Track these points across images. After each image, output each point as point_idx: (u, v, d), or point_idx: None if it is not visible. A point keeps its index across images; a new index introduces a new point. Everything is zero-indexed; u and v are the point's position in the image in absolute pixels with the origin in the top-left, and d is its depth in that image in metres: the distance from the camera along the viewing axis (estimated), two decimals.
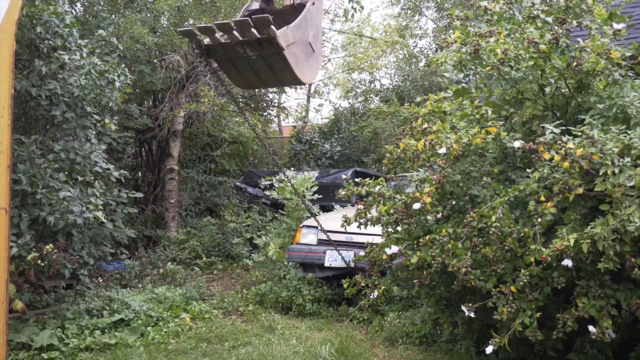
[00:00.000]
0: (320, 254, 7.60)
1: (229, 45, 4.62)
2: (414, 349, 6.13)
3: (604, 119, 4.16)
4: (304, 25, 5.06)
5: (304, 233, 8.06)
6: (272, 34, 4.36)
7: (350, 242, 7.49)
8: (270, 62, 4.71)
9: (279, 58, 4.62)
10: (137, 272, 9.49)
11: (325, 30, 22.67)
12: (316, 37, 5.27)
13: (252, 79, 5.03)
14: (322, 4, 5.59)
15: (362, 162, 17.46)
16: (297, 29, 4.88)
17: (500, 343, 3.71)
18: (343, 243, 7.55)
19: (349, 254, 7.28)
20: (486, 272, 3.98)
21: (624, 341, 3.99)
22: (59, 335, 6.40)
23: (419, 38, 24.09)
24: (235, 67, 4.88)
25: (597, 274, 3.55)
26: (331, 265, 7.45)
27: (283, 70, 4.75)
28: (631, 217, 3.31)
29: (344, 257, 7.26)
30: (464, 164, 4.59)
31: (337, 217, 8.71)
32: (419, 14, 24.16)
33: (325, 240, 7.62)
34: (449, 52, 5.13)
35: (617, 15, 4.95)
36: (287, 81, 5.09)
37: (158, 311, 7.33)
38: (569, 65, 4.31)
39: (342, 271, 7.40)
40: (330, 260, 7.44)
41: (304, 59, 4.95)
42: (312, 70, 5.13)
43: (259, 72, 4.84)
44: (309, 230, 8.09)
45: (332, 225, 7.64)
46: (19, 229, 6.70)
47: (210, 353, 6.28)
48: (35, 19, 7.36)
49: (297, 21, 4.97)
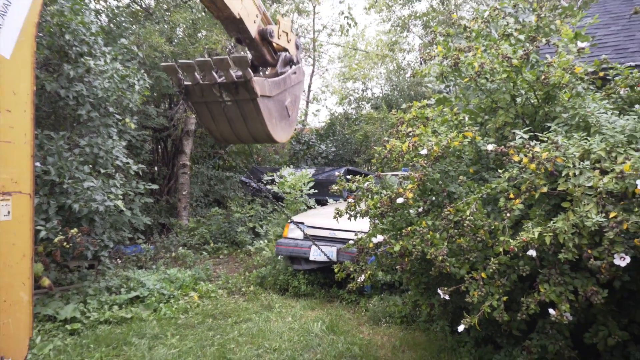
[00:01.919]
0: (305, 249, 7.54)
1: (206, 87, 4.23)
2: (395, 327, 6.18)
3: (567, 126, 4.18)
4: (282, 86, 4.69)
5: (291, 228, 7.97)
6: (248, 76, 4.01)
7: (333, 238, 7.47)
8: (244, 110, 4.29)
9: (252, 106, 4.22)
10: (152, 255, 9.51)
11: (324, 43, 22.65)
12: (293, 104, 4.89)
13: (225, 129, 4.48)
14: (303, 77, 5.17)
15: (353, 161, 17.48)
16: (274, 85, 4.52)
17: (471, 323, 3.73)
18: (327, 238, 7.53)
19: (332, 249, 7.25)
20: (460, 260, 4.00)
21: (580, 323, 4.02)
22: (81, 309, 6.43)
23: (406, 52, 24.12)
24: (210, 112, 4.43)
25: (558, 264, 3.57)
26: (315, 259, 7.39)
27: (255, 121, 4.31)
28: (589, 213, 3.34)
29: (327, 252, 7.18)
30: (443, 164, 4.61)
31: (324, 212, 8.70)
32: (407, 31, 24.16)
33: (311, 235, 7.51)
34: (432, 64, 5.14)
35: (582, 36, 4.98)
36: (259, 135, 4.45)
37: (169, 290, 7.36)
38: (538, 78, 4.33)
39: (326, 264, 7.37)
40: (314, 255, 7.38)
41: (277, 118, 4.56)
42: (284, 132, 4.69)
43: (232, 120, 4.37)
44: (295, 226, 7.93)
45: (318, 221, 7.86)
46: (47, 215, 6.71)
47: (215, 327, 6.31)
48: (64, 28, 7.36)
49: (276, 79, 4.62)
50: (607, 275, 3.29)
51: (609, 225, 3.22)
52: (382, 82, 23.82)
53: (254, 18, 4.53)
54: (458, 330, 3.93)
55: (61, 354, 5.45)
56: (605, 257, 3.23)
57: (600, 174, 3.49)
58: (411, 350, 5.58)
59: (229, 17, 4.26)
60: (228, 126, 4.40)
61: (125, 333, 5.97)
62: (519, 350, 4.17)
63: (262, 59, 4.72)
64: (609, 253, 3.21)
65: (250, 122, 4.30)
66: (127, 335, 5.91)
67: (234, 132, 4.44)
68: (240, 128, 4.37)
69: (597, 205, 3.36)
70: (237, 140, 4.58)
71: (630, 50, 7.27)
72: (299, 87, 5.03)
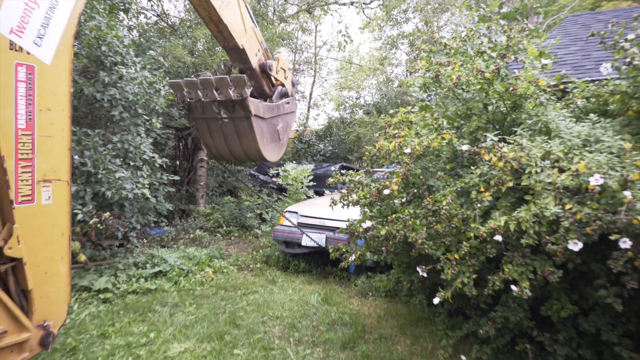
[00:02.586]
0: (298, 235, 7.45)
1: (207, 104, 4.09)
2: (380, 300, 6.19)
3: (531, 131, 4.17)
4: (275, 112, 4.54)
5: (286, 217, 7.83)
6: (244, 95, 3.89)
7: (323, 226, 7.39)
8: (239, 128, 4.12)
9: (247, 124, 4.07)
10: (173, 236, 9.50)
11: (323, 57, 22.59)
12: (284, 130, 4.70)
13: (220, 145, 4.29)
14: (296, 109, 4.99)
15: (347, 158, 17.46)
16: (268, 109, 4.37)
17: (445, 296, 3.74)
18: (317, 226, 7.47)
19: (321, 236, 7.19)
20: (437, 243, 4.00)
21: (537, 298, 4.03)
22: (112, 282, 6.43)
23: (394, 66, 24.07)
24: (209, 128, 4.25)
25: (520, 247, 3.57)
26: (307, 245, 7.32)
27: (248, 138, 4.14)
28: (548, 205, 3.34)
29: (317, 239, 7.16)
30: (424, 161, 4.61)
31: (316, 203, 8.67)
32: (395, 48, 24.12)
33: (303, 223, 7.57)
34: (417, 77, 5.13)
35: (545, 54, 4.97)
36: (251, 152, 4.26)
37: (188, 266, 7.36)
38: (507, 89, 4.32)
39: (315, 249, 7.33)
40: (306, 241, 7.31)
41: (269, 139, 4.38)
42: (274, 152, 4.50)
43: (227, 136, 4.20)
44: (290, 215, 7.89)
45: (310, 210, 7.78)
46: (83, 200, 6.70)
47: (226, 298, 6.31)
48: (101, 40, 7.33)
49: (271, 105, 4.49)
50: (562, 258, 3.29)
51: (564, 216, 3.23)
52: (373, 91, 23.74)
53: (255, 51, 4.50)
54: (434, 302, 3.94)
55: (95, 319, 5.45)
56: (560, 242, 3.23)
57: (559, 172, 3.49)
58: (393, 319, 5.59)
59: (234, 47, 4.24)
60: (224, 142, 4.26)
61: (150, 302, 5.97)
62: (485, 320, 4.18)
63: (261, 90, 4.63)
64: (564, 239, 3.21)
65: (244, 139, 4.17)
66: (152, 303, 5.92)
67: (229, 148, 4.29)
68: (235, 144, 4.23)
69: (555, 198, 3.36)
70: (231, 156, 4.39)
71: (586, 67, 7.26)
72: (291, 117, 4.89)
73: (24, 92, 2.65)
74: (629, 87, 4.05)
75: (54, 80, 2.79)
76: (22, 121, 2.67)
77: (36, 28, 2.66)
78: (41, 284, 2.90)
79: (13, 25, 2.56)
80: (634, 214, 3.00)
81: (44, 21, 2.70)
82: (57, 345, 4.79)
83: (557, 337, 4.14)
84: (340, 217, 6.82)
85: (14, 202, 2.67)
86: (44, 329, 2.96)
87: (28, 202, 2.75)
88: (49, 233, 2.90)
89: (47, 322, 2.98)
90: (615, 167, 3.36)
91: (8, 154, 2.62)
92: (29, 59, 2.65)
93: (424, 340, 5.03)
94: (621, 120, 4.13)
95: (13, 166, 2.65)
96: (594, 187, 3.17)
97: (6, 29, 2.54)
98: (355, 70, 24.57)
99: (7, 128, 2.60)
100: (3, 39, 2.54)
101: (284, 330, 5.32)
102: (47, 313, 2.97)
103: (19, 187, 2.68)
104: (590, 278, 3.79)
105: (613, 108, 4.36)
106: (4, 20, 2.52)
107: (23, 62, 2.63)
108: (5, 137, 2.60)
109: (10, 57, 2.57)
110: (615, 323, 3.88)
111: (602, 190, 3.18)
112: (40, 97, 2.72)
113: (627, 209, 3.02)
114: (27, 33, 2.62)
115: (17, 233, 2.70)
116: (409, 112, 5.34)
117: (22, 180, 2.70)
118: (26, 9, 2.61)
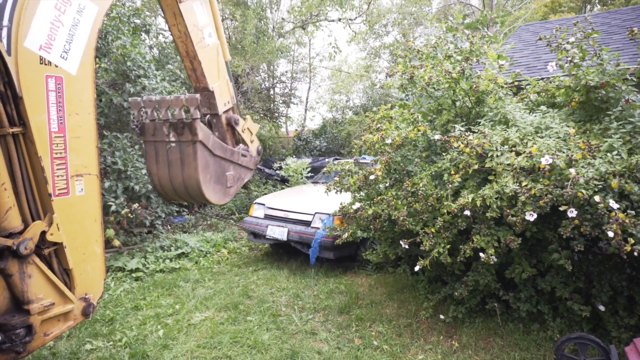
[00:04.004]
0: (264, 228, 6.67)
1: (159, 125, 3.43)
2: (371, 272, 6.20)
3: (492, 122, 4.17)
4: (228, 155, 3.70)
5: (255, 208, 7.15)
6: (194, 115, 3.27)
7: (286, 218, 6.63)
8: (183, 153, 3.38)
9: (191, 150, 3.34)
10: (193, 223, 9.49)
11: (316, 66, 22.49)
12: (235, 181, 3.86)
13: (163, 174, 3.51)
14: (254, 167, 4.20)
15: (340, 152, 17.41)
16: (219, 146, 3.58)
17: (424, 264, 3.75)
18: (281, 219, 6.70)
19: (284, 230, 6.42)
20: (416, 219, 4.01)
21: (502, 264, 4.05)
22: (142, 262, 6.43)
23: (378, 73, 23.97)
24: (156, 153, 3.50)
25: (486, 220, 3.59)
26: (271, 237, 6.54)
27: (190, 167, 3.37)
28: (507, 183, 3.35)
29: (279, 233, 6.45)
30: (403, 150, 4.60)
31: (284, 194, 7.93)
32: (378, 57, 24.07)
33: (270, 215, 6.83)
34: (395, 79, 5.12)
35: (503, 57, 4.96)
36: (190, 183, 3.42)
37: (206, 247, 7.35)
38: (471, 87, 4.31)
39: (279, 241, 6.54)
40: (270, 233, 6.60)
41: (214, 178, 3.55)
42: (217, 194, 3.62)
43: (171, 163, 3.44)
44: (259, 207, 7.11)
45: (276, 203, 7.07)
46: (116, 194, 6.69)
47: (240, 274, 6.32)
48: (126, 57, 7.30)
49: (225, 145, 3.70)
50: (521, 228, 3.31)
51: (521, 192, 3.24)
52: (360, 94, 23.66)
53: (224, 101, 3.95)
54: (415, 270, 3.96)
55: (129, 294, 5.46)
56: (519, 214, 3.24)
57: (516, 155, 3.51)
58: (382, 287, 5.61)
59: (205, 88, 3.76)
60: (167, 170, 3.51)
61: (175, 279, 5.98)
62: (459, 284, 4.20)
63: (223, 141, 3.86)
64: (522, 211, 3.23)
65: (186, 167, 3.41)
66: (176, 280, 5.92)
67: (170, 176, 3.50)
68: (176, 173, 3.46)
69: (513, 177, 3.37)
70: (172, 189, 3.57)
71: (537, 68, 7.25)
72: (246, 173, 4.09)
73: (55, 100, 2.65)
74: (571, 82, 4.05)
75: (80, 88, 2.78)
76: (55, 125, 2.66)
77: (62, 44, 2.65)
78: (80, 263, 2.91)
79: (42, 43, 2.55)
80: (578, 188, 3.02)
81: (68, 37, 2.68)
82: (98, 316, 4.80)
83: (519, 296, 4.17)
84: (301, 210, 6.52)
85: (52, 195, 2.68)
86: (85, 301, 2.97)
87: (64, 195, 2.75)
88: (84, 220, 2.90)
89: (88, 295, 2.99)
90: (562, 149, 3.38)
91: (45, 154, 2.62)
92: (57, 71, 2.64)
93: (409, 303, 5.04)
94: (566, 110, 4.15)
95: (49, 164, 2.65)
96: (544, 166, 3.18)
97: (36, 46, 2.54)
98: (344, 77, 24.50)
99: (43, 132, 2.61)
100: (34, 55, 2.53)
101: (289, 299, 5.33)
102: (87, 287, 2.98)
103: (55, 182, 2.69)
104: (545, 244, 3.81)
105: (559, 100, 4.37)
106: (34, 38, 2.52)
107: (52, 74, 2.62)
108: (41, 139, 2.61)
109: (41, 70, 2.57)
110: (567, 282, 3.91)
111: (551, 169, 3.20)
112: (68, 103, 2.72)
113: (572, 184, 3.04)
114: (54, 48, 2.61)
115: (56, 221, 2.71)
116: (389, 109, 5.33)
117: (58, 176, 2.70)
118: (52, 28, 2.60)
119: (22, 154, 2.60)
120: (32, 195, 2.67)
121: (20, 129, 2.56)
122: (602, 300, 3.80)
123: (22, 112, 2.54)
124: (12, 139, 2.54)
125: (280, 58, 15.27)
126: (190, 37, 3.50)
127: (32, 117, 2.55)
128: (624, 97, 3.73)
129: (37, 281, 2.69)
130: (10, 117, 2.52)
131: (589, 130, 3.78)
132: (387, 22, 21.74)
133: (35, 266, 2.67)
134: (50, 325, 2.81)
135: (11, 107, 2.52)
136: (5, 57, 2.39)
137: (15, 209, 2.55)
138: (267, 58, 12.88)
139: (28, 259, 2.63)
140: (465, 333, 4.32)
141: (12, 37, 2.42)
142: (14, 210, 2.54)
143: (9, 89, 2.48)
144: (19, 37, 2.45)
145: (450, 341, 4.23)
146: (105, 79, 7.46)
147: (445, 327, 4.47)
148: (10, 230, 2.54)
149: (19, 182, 2.58)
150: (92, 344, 4.25)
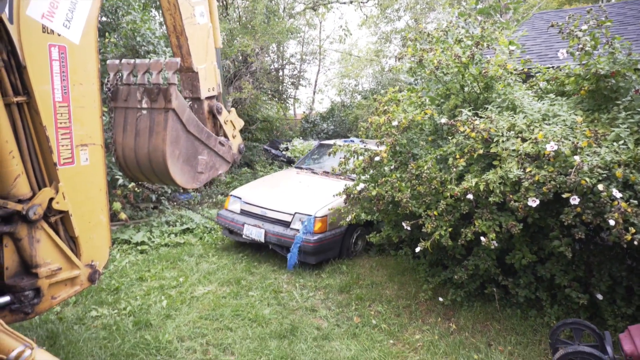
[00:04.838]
0: (240, 225, 5.91)
1: (133, 89, 3.17)
2: (373, 254, 6.21)
3: (500, 108, 4.13)
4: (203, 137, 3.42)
5: (231, 201, 6.38)
6: (171, 80, 3.03)
7: (263, 216, 5.86)
8: (153, 122, 3.08)
9: (162, 118, 3.05)
10: (198, 200, 9.54)
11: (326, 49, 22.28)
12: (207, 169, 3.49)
13: (128, 143, 3.20)
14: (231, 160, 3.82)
15: (347, 136, 17.35)
16: (194, 123, 3.32)
17: (425, 246, 3.75)
18: (258, 216, 5.92)
19: (261, 230, 5.68)
20: (419, 202, 4.01)
21: (503, 249, 4.05)
22: (148, 236, 6.48)
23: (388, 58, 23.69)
24: (125, 120, 3.21)
25: (488, 205, 3.58)
26: (248, 237, 5.82)
27: (158, 137, 3.06)
28: (511, 169, 3.33)
29: (256, 233, 5.72)
30: (409, 133, 4.58)
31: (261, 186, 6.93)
32: (389, 42, 23.78)
33: (246, 211, 6.05)
34: (404, 62, 5.06)
35: (514, 43, 4.89)
36: (156, 155, 3.12)
37: (211, 224, 7.39)
38: (480, 72, 4.26)
39: (256, 242, 5.86)
40: (247, 233, 5.81)
41: (183, 155, 3.26)
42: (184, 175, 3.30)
43: (139, 132, 3.13)
44: (235, 200, 6.32)
45: (253, 198, 6.21)
46: None
47: (243, 251, 6.35)
48: (136, 32, 7.26)
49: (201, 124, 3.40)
50: (523, 214, 3.30)
51: (525, 177, 3.23)
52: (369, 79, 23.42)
53: (209, 86, 3.67)
54: (416, 253, 3.97)
55: (134, 266, 5.53)
56: (522, 200, 3.23)
57: (521, 141, 3.48)
58: (383, 269, 5.63)
59: (189, 68, 3.52)
60: (133, 139, 3.20)
61: (179, 253, 6.03)
62: (459, 268, 4.20)
63: None
64: (525, 197, 3.21)
65: (154, 137, 3.10)
66: (181, 254, 5.97)
67: (136, 146, 3.19)
68: (143, 142, 3.15)
69: (518, 163, 3.35)
70: (135, 163, 3.26)
71: (549, 56, 7.14)
72: (221, 164, 3.69)
73: (58, 69, 2.64)
74: (582, 70, 3.99)
75: (83, 57, 2.77)
76: (59, 95, 2.66)
77: (64, 12, 2.65)
78: (86, 231, 2.95)
79: (44, 11, 2.55)
80: (582, 176, 2.99)
81: (71, 6, 2.68)
82: (103, 285, 4.87)
83: (518, 282, 4.18)
84: (279, 208, 5.81)
85: (57, 164, 2.70)
86: (91, 268, 3.02)
87: (69, 164, 2.77)
88: (89, 189, 2.92)
89: (94, 262, 3.03)
90: (568, 137, 3.35)
91: (49, 124, 2.63)
92: (60, 40, 2.63)
93: (409, 286, 5.07)
94: (575, 99, 4.10)
95: (54, 134, 2.66)
96: (549, 152, 3.16)
97: (38, 15, 2.52)
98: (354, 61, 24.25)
99: (47, 101, 2.61)
100: (36, 23, 2.52)
101: (291, 277, 5.37)
102: (92, 255, 3.02)
103: (60, 151, 2.70)
104: (547, 231, 3.80)
105: (569, 89, 4.31)
106: (36, 6, 2.51)
107: (55, 43, 2.62)
108: (46, 109, 2.61)
109: (44, 39, 2.56)
110: (567, 269, 3.90)
111: (556, 155, 3.17)
112: (72, 73, 2.71)
113: (576, 171, 3.02)
114: (56, 17, 2.60)
115: (62, 190, 2.73)
116: (397, 92, 5.29)
117: (63, 145, 2.71)
118: None
119: (27, 123, 2.61)
120: (38, 165, 2.69)
121: (25, 98, 2.55)
122: (601, 290, 3.80)
123: (26, 81, 2.53)
124: (17, 108, 2.54)
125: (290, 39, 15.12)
126: (179, 9, 3.32)
127: (36, 87, 2.55)
128: (634, 87, 3.67)
129: (45, 246, 2.73)
130: (15, 86, 2.52)
131: (597, 119, 3.74)
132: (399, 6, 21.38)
133: (43, 231, 2.71)
134: (57, 289, 2.85)
135: (15, 77, 2.51)
136: (7, 26, 2.38)
137: (23, 177, 2.57)
138: (277, 38, 12.76)
139: (37, 224, 2.66)
140: (463, 316, 4.34)
141: (13, 5, 2.40)
142: (22, 177, 2.56)
143: (12, 57, 2.47)
144: (21, 5, 2.44)
145: (448, 323, 4.26)
146: (115, 53, 7.43)
147: (443, 310, 4.50)
148: (19, 197, 2.57)
149: (24, 151, 2.60)
150: (98, 311, 4.33)
